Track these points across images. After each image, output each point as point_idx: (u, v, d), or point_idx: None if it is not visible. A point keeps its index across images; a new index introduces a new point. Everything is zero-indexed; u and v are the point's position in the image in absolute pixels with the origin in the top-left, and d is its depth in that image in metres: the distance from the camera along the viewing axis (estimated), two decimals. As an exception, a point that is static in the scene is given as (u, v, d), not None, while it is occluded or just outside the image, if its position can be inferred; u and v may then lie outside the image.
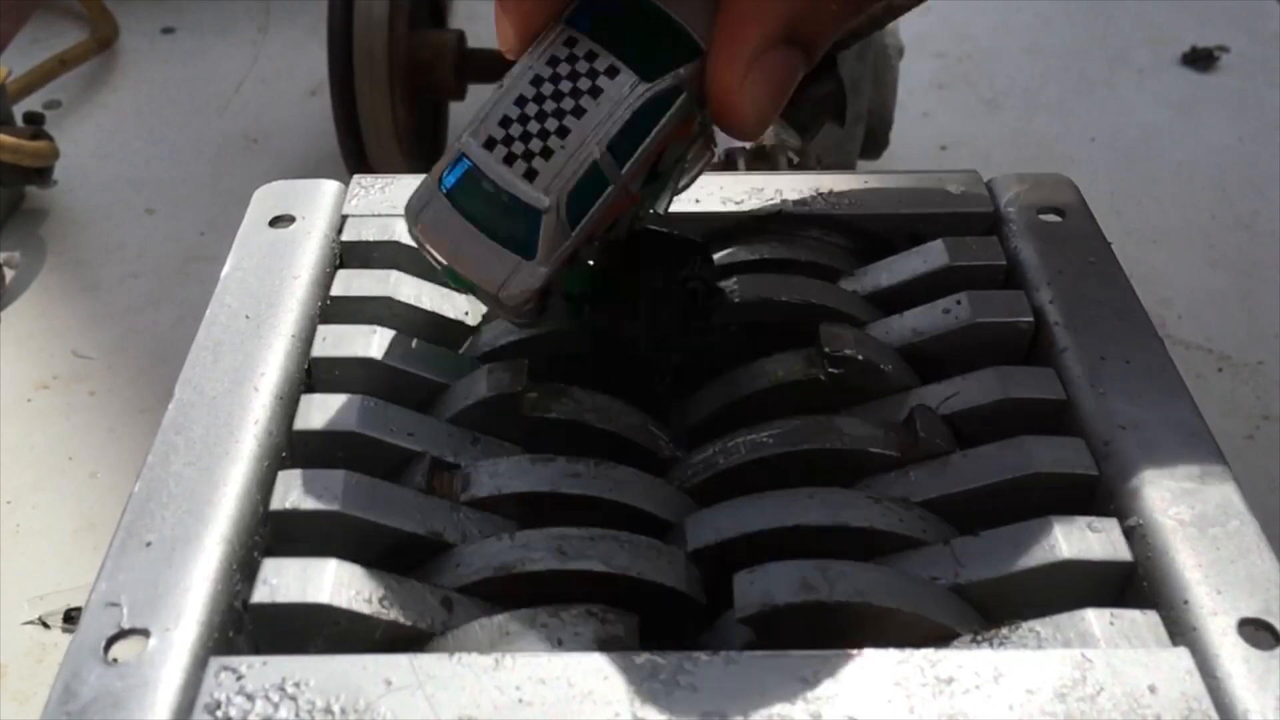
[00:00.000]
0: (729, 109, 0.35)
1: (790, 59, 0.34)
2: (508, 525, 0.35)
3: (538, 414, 0.37)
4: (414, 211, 0.36)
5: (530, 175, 0.34)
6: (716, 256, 0.43)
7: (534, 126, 0.34)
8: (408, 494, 0.34)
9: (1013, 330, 0.40)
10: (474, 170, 0.35)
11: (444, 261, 0.36)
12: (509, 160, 0.34)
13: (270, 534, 0.33)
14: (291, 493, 0.33)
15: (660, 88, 0.35)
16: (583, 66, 0.34)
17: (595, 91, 0.34)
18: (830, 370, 0.38)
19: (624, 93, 0.34)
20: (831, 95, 0.76)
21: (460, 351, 0.40)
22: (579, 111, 0.34)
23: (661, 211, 0.38)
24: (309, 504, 0.33)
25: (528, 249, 0.35)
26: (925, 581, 0.33)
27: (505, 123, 0.35)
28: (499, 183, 0.34)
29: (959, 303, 0.40)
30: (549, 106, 0.34)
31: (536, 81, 0.35)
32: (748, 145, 0.64)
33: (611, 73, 0.34)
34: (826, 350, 0.38)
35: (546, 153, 0.34)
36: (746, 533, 0.34)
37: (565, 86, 0.34)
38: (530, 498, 0.35)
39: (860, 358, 0.38)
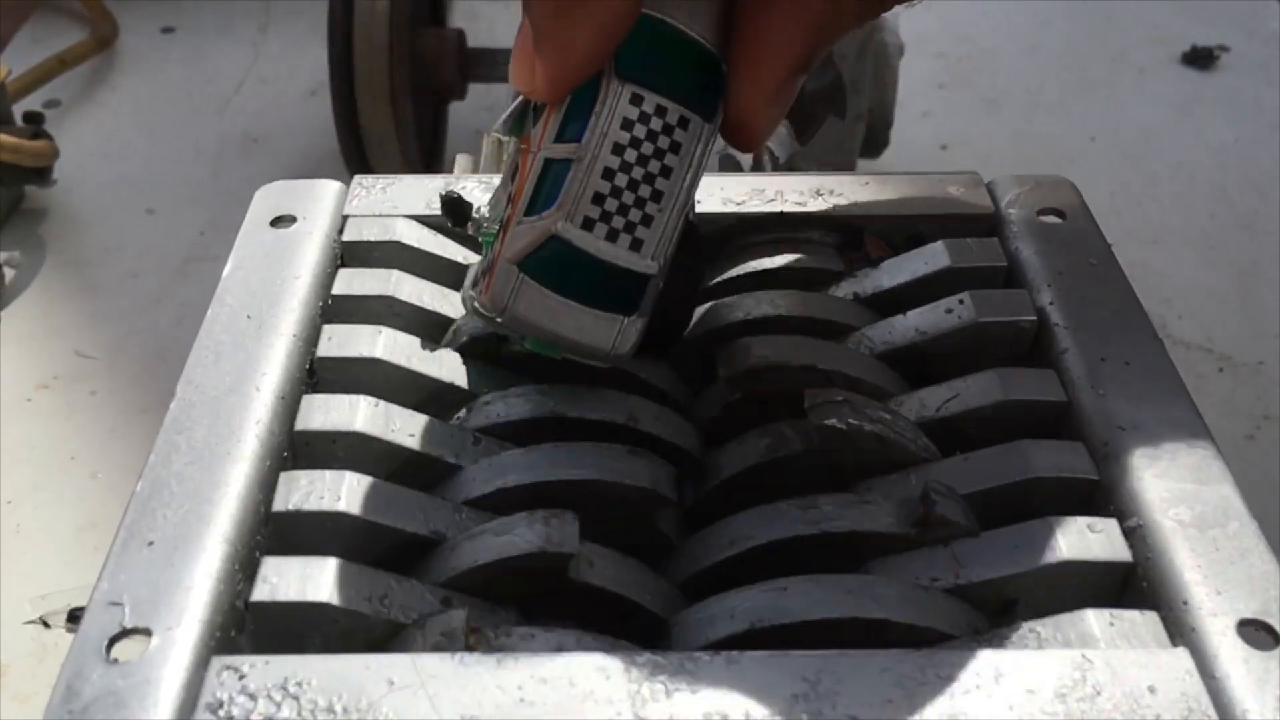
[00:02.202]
0: (748, 131, 0.35)
1: (800, 80, 0.35)
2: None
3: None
4: (499, 303, 0.34)
5: (635, 246, 0.34)
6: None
7: (628, 197, 0.34)
8: (410, 495, 0.34)
9: (1016, 329, 0.40)
10: (574, 253, 0.34)
11: (538, 338, 0.35)
12: (611, 236, 0.34)
13: (272, 535, 0.33)
14: (294, 494, 0.33)
15: (718, 122, 0.35)
16: (657, 124, 0.34)
17: (675, 147, 0.34)
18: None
19: (697, 141, 0.34)
20: (830, 89, 0.76)
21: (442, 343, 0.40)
22: (666, 171, 0.34)
23: (692, 218, 0.38)
24: (311, 505, 0.33)
25: (630, 308, 0.35)
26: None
27: (599, 199, 0.34)
28: (606, 260, 0.34)
29: (961, 302, 0.40)
30: (637, 173, 0.34)
31: (618, 150, 0.34)
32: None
33: (683, 124, 0.34)
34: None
35: (646, 220, 0.34)
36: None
37: (647, 149, 0.34)
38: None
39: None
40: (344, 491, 0.33)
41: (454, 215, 0.42)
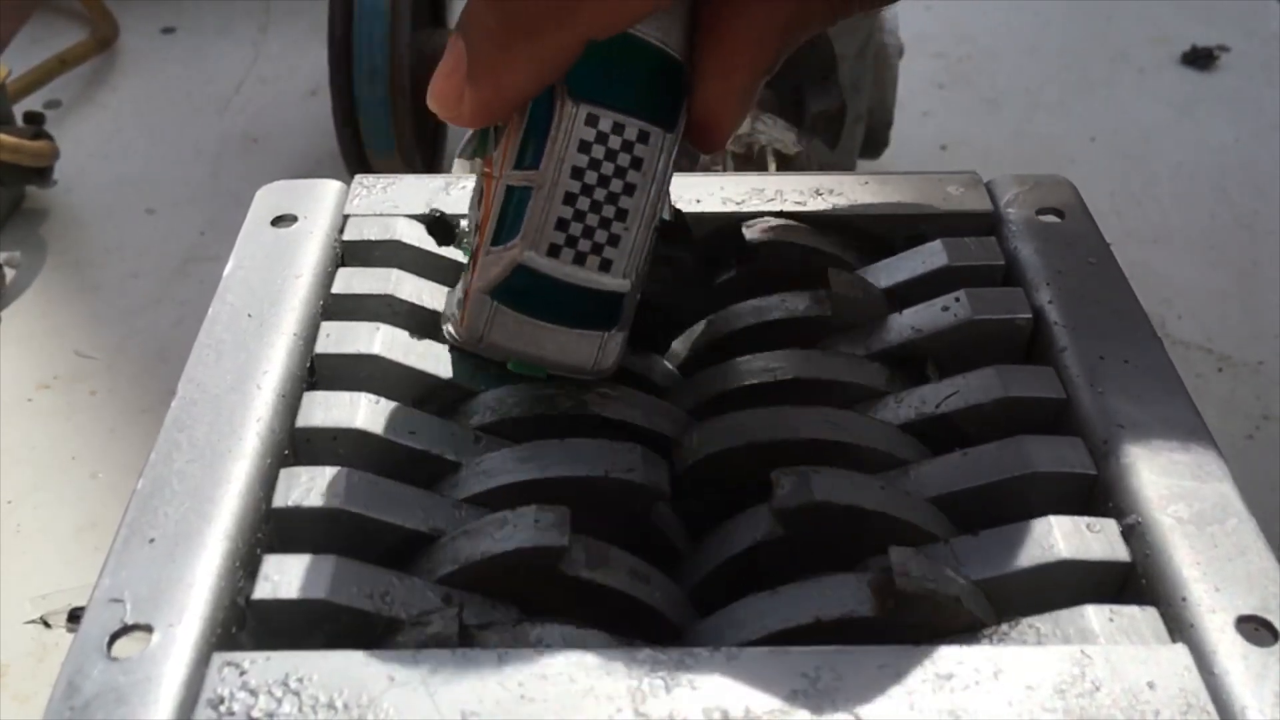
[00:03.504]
0: (714, 131, 0.35)
1: (764, 80, 0.35)
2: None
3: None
4: (476, 333, 0.34)
5: (605, 266, 0.34)
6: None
7: (593, 220, 0.33)
8: (410, 491, 0.34)
9: (1011, 327, 0.40)
10: (541, 279, 0.34)
11: (520, 360, 0.35)
12: (579, 260, 0.34)
13: (272, 531, 0.33)
14: (294, 490, 0.33)
15: (680, 130, 0.34)
16: (615, 142, 0.33)
17: (636, 163, 0.33)
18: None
19: (659, 154, 0.34)
20: (830, 112, 0.77)
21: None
22: (629, 189, 0.33)
23: (668, 217, 0.38)
24: (311, 501, 0.33)
25: (609, 323, 0.35)
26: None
27: (562, 225, 0.33)
28: (576, 283, 0.34)
29: (958, 300, 0.40)
30: (599, 195, 0.33)
31: (577, 174, 0.33)
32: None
33: (644, 138, 0.33)
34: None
35: (614, 240, 0.34)
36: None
37: (607, 169, 0.33)
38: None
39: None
40: (344, 488, 0.33)
41: (439, 234, 0.42)
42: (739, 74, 0.34)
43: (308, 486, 0.33)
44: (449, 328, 0.36)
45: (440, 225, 0.43)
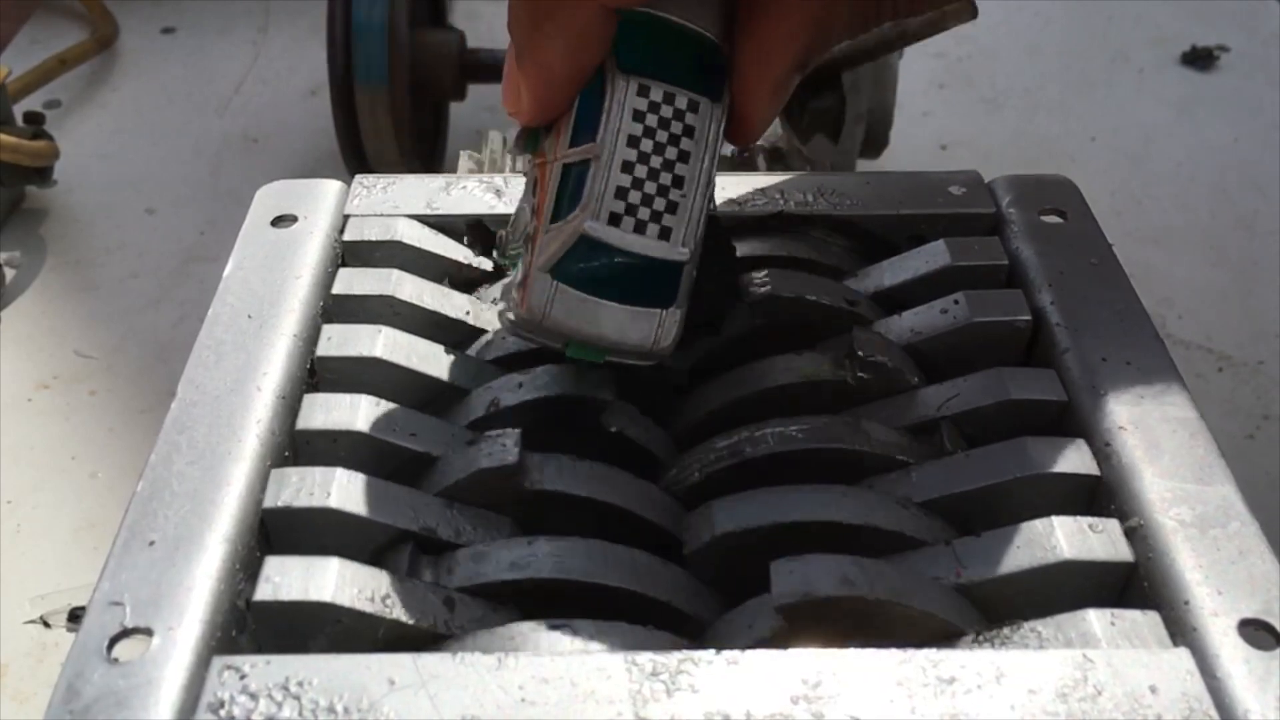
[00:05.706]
0: (749, 124, 0.36)
1: (796, 79, 0.36)
2: (501, 523, 0.35)
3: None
4: (537, 313, 0.34)
5: (665, 234, 0.34)
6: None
7: (650, 187, 0.34)
8: (401, 491, 0.34)
9: (1010, 329, 0.40)
10: (602, 251, 0.34)
11: (579, 341, 0.35)
12: (640, 229, 0.34)
13: (264, 532, 0.33)
14: (284, 490, 0.33)
15: (726, 103, 0.35)
16: (667, 111, 0.34)
17: (689, 131, 0.35)
18: (859, 375, 0.38)
19: (709, 123, 0.35)
20: (831, 109, 0.77)
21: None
22: (684, 156, 0.35)
23: (713, 207, 0.38)
24: (301, 501, 0.33)
25: (667, 300, 0.35)
26: (949, 589, 0.33)
27: (621, 194, 0.34)
28: (638, 253, 0.34)
29: (957, 302, 0.40)
30: (655, 162, 0.34)
31: (633, 142, 0.34)
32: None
33: (694, 107, 0.35)
34: (859, 354, 0.38)
35: (672, 207, 0.34)
36: (777, 523, 0.34)
37: (662, 137, 0.34)
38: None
39: (890, 364, 0.38)
40: (334, 488, 0.33)
41: (479, 240, 0.43)
42: (773, 65, 0.35)
43: (297, 486, 0.33)
44: (506, 313, 0.36)
45: (479, 230, 0.43)
